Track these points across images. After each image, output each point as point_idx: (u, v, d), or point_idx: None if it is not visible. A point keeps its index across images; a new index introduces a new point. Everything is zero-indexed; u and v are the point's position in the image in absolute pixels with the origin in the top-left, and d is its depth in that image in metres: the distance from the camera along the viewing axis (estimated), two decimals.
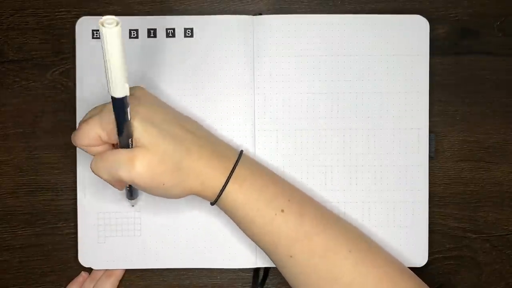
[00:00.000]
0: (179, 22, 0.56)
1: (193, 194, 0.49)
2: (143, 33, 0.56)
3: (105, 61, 0.38)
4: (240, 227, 0.51)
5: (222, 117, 0.56)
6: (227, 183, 0.48)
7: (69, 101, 0.57)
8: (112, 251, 0.56)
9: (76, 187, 0.56)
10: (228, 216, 0.51)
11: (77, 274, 0.57)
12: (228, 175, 0.48)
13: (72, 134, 0.48)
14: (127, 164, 0.45)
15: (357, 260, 0.49)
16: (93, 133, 0.47)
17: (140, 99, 0.48)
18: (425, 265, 0.57)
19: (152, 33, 0.56)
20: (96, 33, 0.56)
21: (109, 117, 0.45)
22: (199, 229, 0.56)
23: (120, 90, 0.40)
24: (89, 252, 0.56)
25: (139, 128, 0.46)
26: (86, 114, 0.49)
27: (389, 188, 0.56)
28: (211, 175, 0.48)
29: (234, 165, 0.49)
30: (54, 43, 0.57)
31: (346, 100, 0.56)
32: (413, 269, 0.57)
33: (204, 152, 0.48)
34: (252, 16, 0.56)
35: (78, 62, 0.56)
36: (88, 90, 0.56)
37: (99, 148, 0.48)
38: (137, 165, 0.45)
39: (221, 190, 0.48)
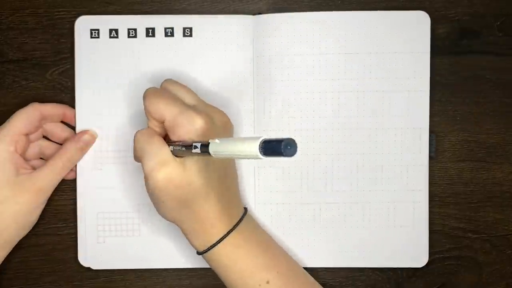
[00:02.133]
0: (177, 21, 0.56)
1: (181, 230, 0.49)
2: (141, 32, 0.56)
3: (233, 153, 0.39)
4: (223, 282, 0.51)
5: None
6: (218, 243, 0.48)
7: (69, 101, 0.57)
8: (112, 251, 0.56)
9: (76, 187, 0.56)
10: (213, 270, 0.51)
11: (77, 274, 0.57)
12: (222, 236, 0.48)
13: (149, 92, 0.48)
14: (157, 162, 0.46)
15: None
16: (165, 112, 0.47)
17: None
18: (425, 265, 0.57)
19: (150, 32, 0.56)
20: (95, 32, 0.56)
21: (187, 122, 0.46)
22: None
23: (216, 156, 0.41)
24: (89, 252, 0.56)
25: (197, 157, 0.46)
26: (168, 85, 0.49)
27: (389, 188, 0.56)
28: (209, 227, 0.48)
29: (232, 228, 0.49)
30: (54, 43, 0.57)
31: (347, 99, 0.56)
32: (414, 269, 0.57)
33: (219, 204, 0.48)
34: (252, 15, 0.56)
35: (77, 62, 0.56)
36: (88, 90, 0.56)
37: (155, 124, 0.48)
38: (162, 171, 0.46)
39: (211, 246, 0.48)
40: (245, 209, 0.52)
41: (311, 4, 0.57)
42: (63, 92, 0.57)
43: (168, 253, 0.57)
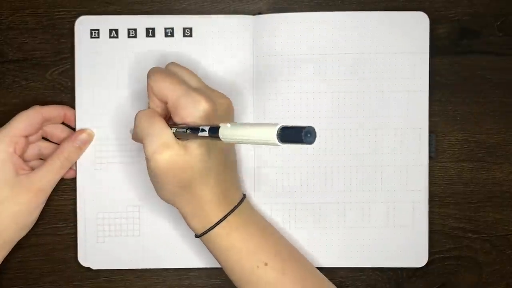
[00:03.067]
0: (177, 21, 0.56)
1: (180, 212, 0.50)
2: (141, 33, 0.56)
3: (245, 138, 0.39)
4: (220, 265, 0.51)
5: None
6: (216, 225, 0.48)
7: (69, 101, 0.57)
8: (111, 251, 0.56)
9: (76, 187, 0.56)
10: (211, 253, 0.51)
11: (77, 274, 0.57)
12: (220, 218, 0.48)
13: (154, 71, 0.48)
14: (159, 146, 0.46)
15: None
16: (169, 92, 0.47)
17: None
18: (425, 265, 0.57)
19: (150, 32, 0.56)
20: (95, 32, 0.56)
21: (192, 104, 0.45)
22: None
23: (226, 140, 0.41)
24: (88, 252, 0.56)
25: (199, 141, 0.46)
26: (173, 68, 0.49)
27: (389, 188, 0.56)
28: (208, 209, 0.48)
29: (231, 211, 0.49)
30: (54, 43, 0.57)
31: (347, 99, 0.56)
32: (414, 269, 0.57)
33: (218, 188, 0.48)
34: (252, 15, 0.56)
35: (77, 62, 0.56)
36: (88, 90, 0.56)
37: (158, 104, 0.48)
38: (165, 154, 0.45)
39: (209, 229, 0.49)
40: (244, 195, 0.52)
41: (311, 4, 0.57)
42: (63, 92, 0.57)
43: (168, 253, 0.57)
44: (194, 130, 0.44)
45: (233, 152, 0.53)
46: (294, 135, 0.35)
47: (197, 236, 0.50)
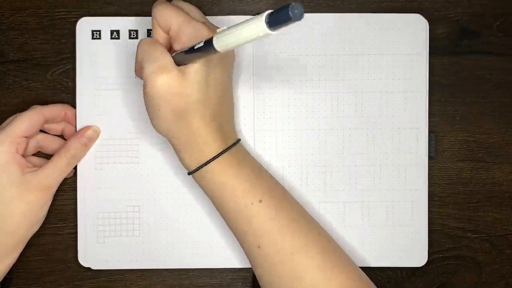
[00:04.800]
0: None
1: (173, 146, 0.49)
2: (142, 34, 0.56)
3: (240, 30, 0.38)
4: (213, 204, 0.51)
5: None
6: (211, 161, 0.48)
7: (69, 101, 0.57)
8: (112, 251, 0.56)
9: (76, 187, 0.57)
10: (204, 191, 0.51)
11: (77, 274, 0.57)
12: (215, 154, 0.48)
13: (158, 2, 0.48)
14: (157, 67, 0.46)
15: (323, 264, 0.48)
16: (172, 18, 0.47)
17: (222, 59, 0.48)
18: (424, 265, 0.57)
19: (151, 33, 0.56)
20: (96, 33, 0.56)
21: (193, 30, 0.46)
22: (199, 229, 0.56)
23: (222, 49, 0.40)
24: (88, 252, 0.56)
25: (197, 67, 0.46)
26: (178, 3, 0.49)
27: (388, 187, 0.56)
28: (202, 144, 0.48)
29: (226, 149, 0.49)
30: (54, 43, 0.57)
31: (346, 99, 0.56)
32: (413, 269, 0.57)
33: (214, 123, 0.48)
34: (251, 16, 0.56)
35: (78, 62, 0.56)
36: (88, 91, 0.56)
37: (161, 34, 0.48)
38: (162, 77, 0.46)
39: (203, 164, 0.48)
40: (239, 139, 0.52)
41: (311, 5, 0.57)
42: (63, 93, 0.57)
43: (168, 253, 0.57)
44: (191, 49, 0.44)
45: (230, 93, 0.52)
46: (282, 15, 0.35)
47: (189, 173, 0.49)
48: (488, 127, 0.58)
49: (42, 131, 0.56)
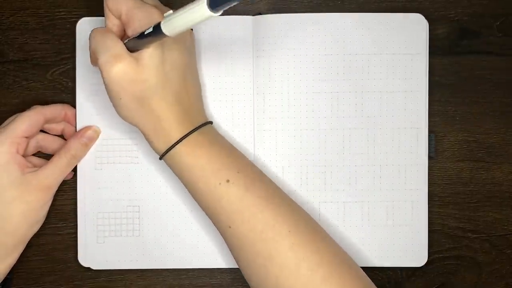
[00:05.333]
0: None
1: (142, 132, 0.49)
2: None
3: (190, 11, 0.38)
4: (186, 188, 0.51)
5: (221, 117, 0.56)
6: (178, 143, 0.48)
7: (69, 101, 0.57)
8: (111, 251, 0.56)
9: (76, 187, 0.57)
10: (175, 175, 0.51)
11: (77, 274, 0.57)
12: (183, 135, 0.48)
13: None
14: (110, 56, 0.46)
15: (295, 242, 0.47)
16: (122, 4, 0.46)
17: (178, 42, 0.48)
18: (424, 265, 0.57)
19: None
20: None
21: (144, 14, 0.45)
22: (199, 229, 0.56)
23: (170, 33, 0.41)
24: (88, 252, 0.56)
25: (151, 51, 0.46)
26: None
27: (388, 187, 0.56)
28: (168, 127, 0.48)
29: (193, 130, 0.49)
30: (54, 43, 0.57)
31: (346, 99, 0.56)
32: (413, 269, 0.57)
33: (177, 106, 0.48)
34: (252, 16, 0.56)
35: (78, 62, 0.57)
36: (88, 90, 0.56)
37: (113, 21, 0.48)
38: (117, 65, 0.45)
39: (171, 147, 0.48)
40: (211, 122, 0.51)
41: (311, 5, 0.57)
42: (63, 93, 0.57)
43: (168, 253, 0.57)
44: (141, 34, 0.44)
45: (194, 74, 0.52)
46: None
47: (160, 157, 0.50)
48: (488, 127, 0.58)
49: (42, 131, 0.56)
